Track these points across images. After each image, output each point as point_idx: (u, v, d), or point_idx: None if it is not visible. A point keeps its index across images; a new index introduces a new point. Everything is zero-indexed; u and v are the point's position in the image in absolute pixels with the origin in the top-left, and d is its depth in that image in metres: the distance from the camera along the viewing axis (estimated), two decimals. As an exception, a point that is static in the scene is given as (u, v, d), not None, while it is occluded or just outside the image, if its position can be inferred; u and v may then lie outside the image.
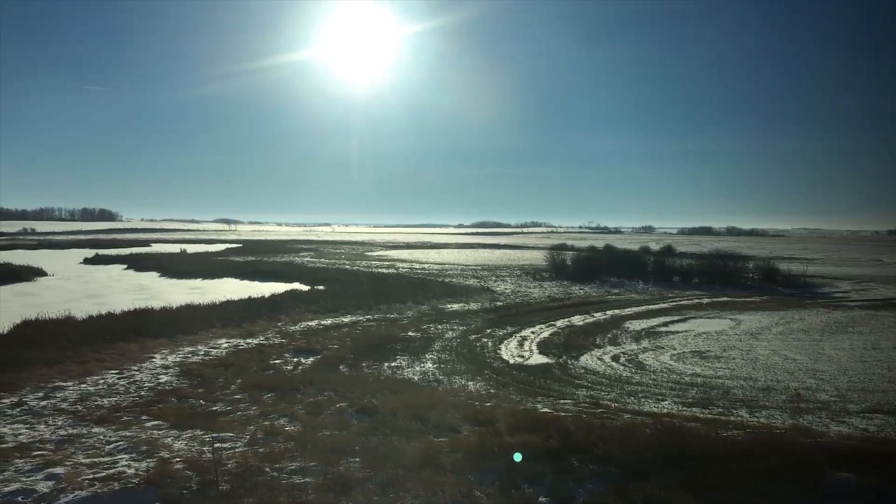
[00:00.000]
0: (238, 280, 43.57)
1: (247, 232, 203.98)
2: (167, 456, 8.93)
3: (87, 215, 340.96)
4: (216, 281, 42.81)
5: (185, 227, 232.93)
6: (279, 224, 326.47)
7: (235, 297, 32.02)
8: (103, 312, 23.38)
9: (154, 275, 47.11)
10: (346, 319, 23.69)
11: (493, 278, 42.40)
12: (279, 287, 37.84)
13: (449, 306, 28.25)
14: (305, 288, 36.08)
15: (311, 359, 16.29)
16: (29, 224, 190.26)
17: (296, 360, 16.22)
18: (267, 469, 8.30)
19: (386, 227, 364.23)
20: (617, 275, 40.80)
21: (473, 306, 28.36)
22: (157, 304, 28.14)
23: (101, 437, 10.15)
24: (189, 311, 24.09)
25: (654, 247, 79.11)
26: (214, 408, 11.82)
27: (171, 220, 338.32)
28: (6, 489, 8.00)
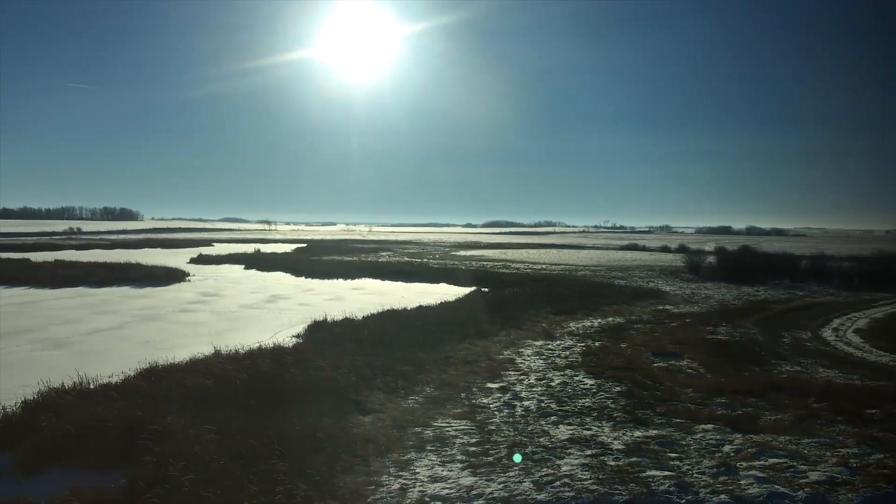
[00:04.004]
0: (380, 280, 43.72)
1: (286, 231, 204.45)
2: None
3: (108, 214, 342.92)
4: (361, 281, 42.95)
5: (199, 227, 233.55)
6: (286, 223, 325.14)
7: (412, 296, 32.28)
8: (372, 312, 23.72)
9: (285, 275, 47.23)
10: (605, 321, 23.77)
11: (638, 279, 42.37)
12: (445, 289, 38.07)
13: (662, 308, 28.30)
14: (471, 289, 36.16)
15: (684, 362, 16.37)
16: (74, 224, 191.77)
17: (671, 363, 16.29)
18: None
19: (393, 226, 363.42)
20: (770, 276, 40.63)
21: (685, 308, 28.40)
22: (351, 306, 28.33)
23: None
24: (444, 311, 24.21)
25: (730, 247, 79.22)
26: (743, 410, 11.86)
27: (181, 220, 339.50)
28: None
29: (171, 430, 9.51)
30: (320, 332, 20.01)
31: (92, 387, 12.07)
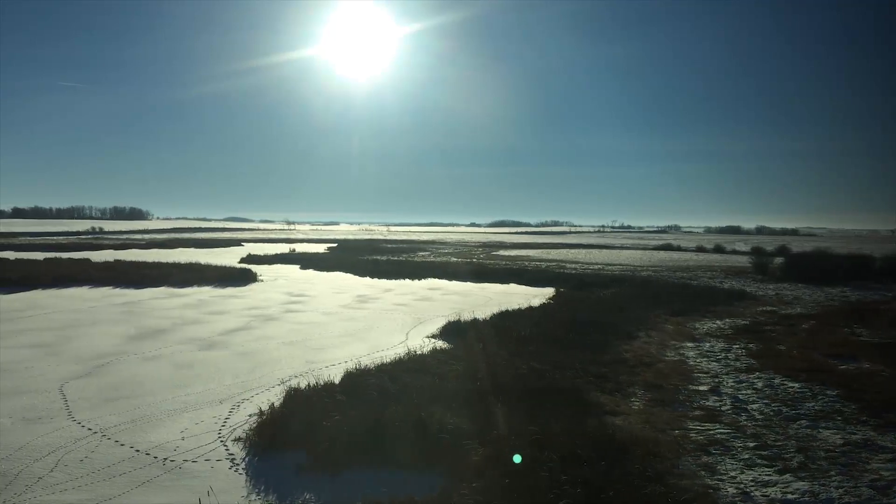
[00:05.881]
0: (447, 280, 43.61)
1: (307, 231, 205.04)
2: None
3: (119, 213, 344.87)
4: (429, 281, 42.82)
5: (203, 226, 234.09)
6: (290, 222, 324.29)
7: (497, 297, 32.29)
8: (494, 312, 23.80)
9: (347, 275, 47.14)
10: (725, 322, 23.64)
11: (709, 280, 42.13)
12: (520, 289, 38.12)
13: (766, 308, 28.11)
14: (550, 290, 36.15)
15: (865, 364, 16.24)
16: (92, 223, 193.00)
17: (854, 366, 16.15)
18: None
19: (398, 225, 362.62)
20: (847, 277, 40.25)
21: (788, 309, 28.14)
22: (446, 307, 28.51)
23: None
24: (560, 311, 24.12)
25: (769, 248, 78.95)
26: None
27: (185, 219, 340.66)
28: None
29: (465, 432, 9.46)
30: (468, 332, 19.77)
31: (320, 385, 12.04)
